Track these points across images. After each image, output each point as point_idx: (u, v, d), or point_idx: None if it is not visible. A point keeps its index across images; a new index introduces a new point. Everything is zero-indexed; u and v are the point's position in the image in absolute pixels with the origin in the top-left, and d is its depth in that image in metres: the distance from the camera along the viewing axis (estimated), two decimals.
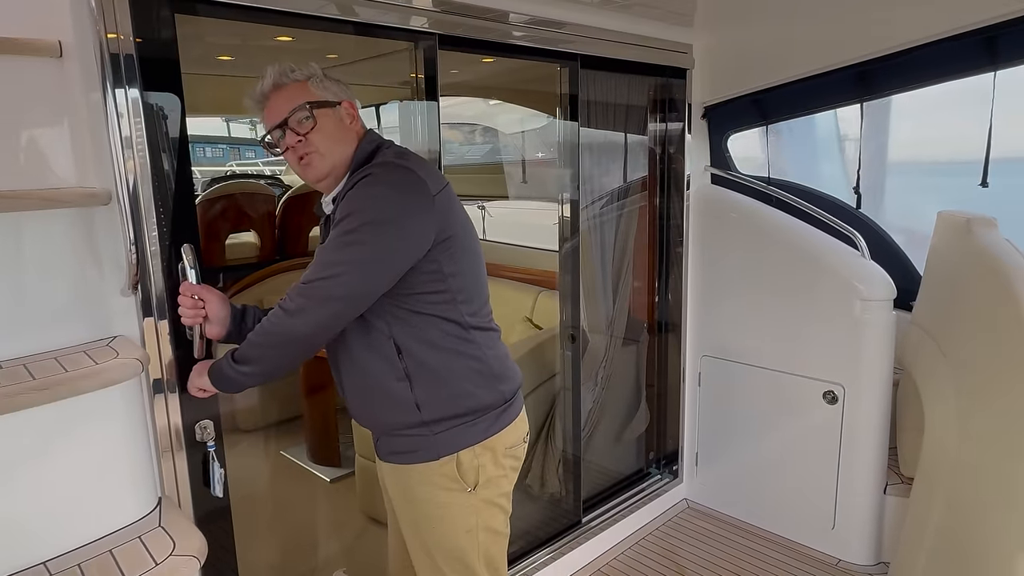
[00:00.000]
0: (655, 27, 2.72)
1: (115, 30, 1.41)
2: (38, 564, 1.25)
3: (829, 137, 3.59)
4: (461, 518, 1.56)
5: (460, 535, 1.57)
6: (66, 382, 1.23)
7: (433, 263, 1.45)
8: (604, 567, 2.81)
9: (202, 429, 1.63)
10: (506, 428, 1.60)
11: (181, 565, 1.25)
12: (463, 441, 1.53)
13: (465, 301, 1.52)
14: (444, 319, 1.50)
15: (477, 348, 1.55)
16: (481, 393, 1.55)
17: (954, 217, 2.48)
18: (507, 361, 1.65)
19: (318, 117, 1.48)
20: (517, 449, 1.66)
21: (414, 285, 1.45)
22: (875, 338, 2.61)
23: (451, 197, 1.50)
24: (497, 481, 1.59)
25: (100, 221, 1.44)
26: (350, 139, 1.53)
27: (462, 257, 1.50)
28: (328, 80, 1.54)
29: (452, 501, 1.55)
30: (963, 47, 2.32)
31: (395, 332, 1.47)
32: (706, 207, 3.08)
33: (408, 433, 1.53)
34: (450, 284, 1.48)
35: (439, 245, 1.44)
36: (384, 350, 1.48)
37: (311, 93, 1.50)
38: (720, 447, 3.17)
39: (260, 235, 4.59)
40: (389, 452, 1.59)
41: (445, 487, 1.54)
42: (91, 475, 1.33)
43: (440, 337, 1.50)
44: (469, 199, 4.70)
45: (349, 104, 1.55)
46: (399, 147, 1.58)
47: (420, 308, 1.47)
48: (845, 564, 2.76)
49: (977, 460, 2.21)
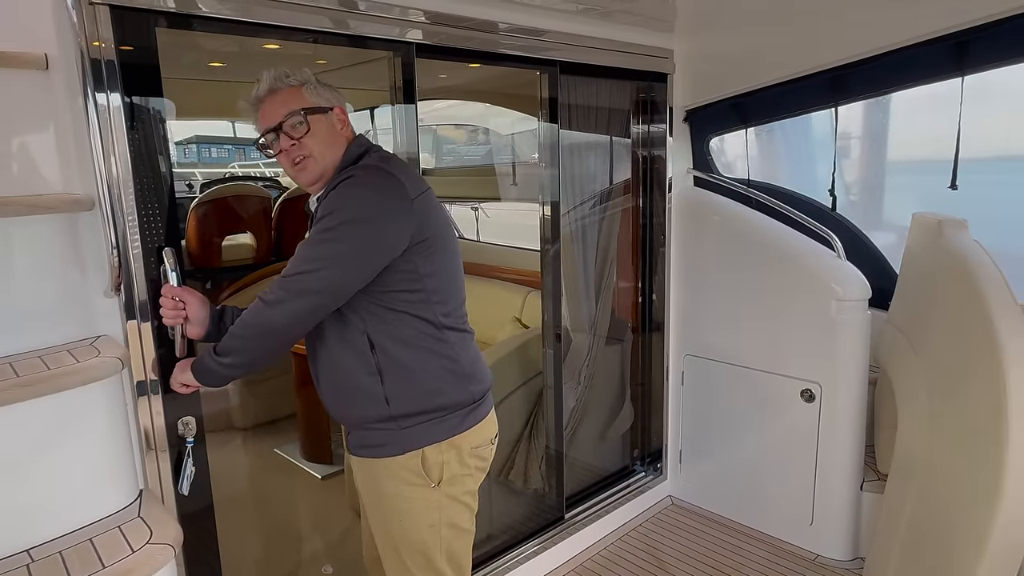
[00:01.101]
0: (636, 33, 2.78)
1: (97, 39, 1.48)
2: (21, 552, 1.32)
3: (824, 139, 3.64)
4: (424, 513, 1.61)
5: (423, 530, 1.62)
6: (48, 379, 1.30)
7: (409, 263, 1.51)
8: (587, 561, 2.87)
9: (184, 425, 1.69)
10: (473, 428, 1.65)
11: (157, 553, 1.32)
12: (429, 437, 1.58)
13: (440, 302, 1.58)
14: (418, 317, 1.55)
15: (450, 348, 1.60)
16: (451, 391, 1.60)
17: (927, 219, 2.53)
18: (478, 363, 1.70)
19: (311, 122, 1.55)
20: (483, 450, 1.70)
21: (390, 283, 1.51)
22: (850, 337, 2.67)
23: (430, 201, 1.57)
24: (461, 479, 1.64)
25: (84, 225, 1.51)
26: (340, 143, 1.60)
27: (439, 259, 1.56)
28: (321, 86, 1.61)
29: (416, 496, 1.60)
30: (933, 52, 2.37)
31: (369, 328, 1.54)
32: (688, 209, 3.13)
33: (377, 427, 1.58)
34: (425, 284, 1.54)
35: (416, 246, 1.51)
36: (357, 345, 1.54)
37: (305, 99, 1.56)
38: (703, 445, 3.22)
39: (256, 236, 4.66)
40: (358, 446, 1.64)
41: (410, 482, 1.59)
42: (73, 468, 1.39)
43: (413, 335, 1.56)
44: (464, 201, 4.77)
45: (340, 110, 1.61)
46: (385, 152, 1.66)
47: (394, 305, 1.53)
48: (823, 559, 2.81)
49: (945, 457, 2.26)
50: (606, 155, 3.10)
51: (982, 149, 2.70)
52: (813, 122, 3.53)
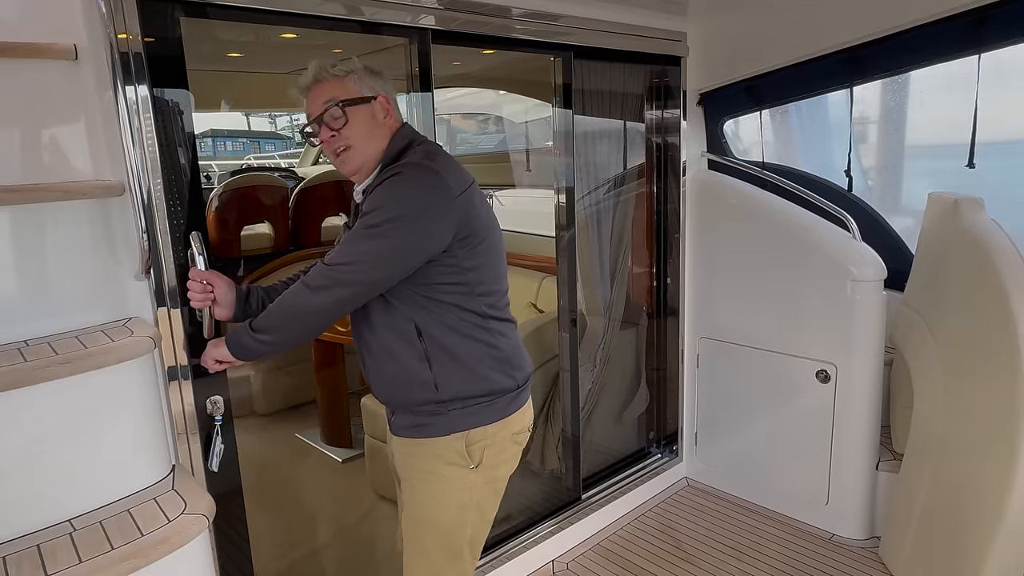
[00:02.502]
0: (649, 16, 2.79)
1: (124, 31, 1.52)
2: (64, 521, 1.38)
3: (840, 120, 3.61)
4: (457, 493, 1.66)
5: (452, 509, 1.66)
6: (85, 357, 1.36)
7: (452, 257, 1.55)
8: (604, 541, 2.91)
9: (212, 403, 1.75)
10: (515, 413, 1.70)
11: (192, 522, 1.38)
12: (475, 421, 1.63)
13: (483, 294, 1.61)
14: (462, 308, 1.59)
15: (493, 336, 1.64)
16: (496, 377, 1.65)
17: (943, 198, 2.53)
18: (521, 351, 1.74)
19: (350, 114, 1.57)
20: (521, 436, 1.75)
21: (433, 276, 1.55)
22: (866, 318, 2.67)
23: (474, 196, 1.59)
24: (499, 464, 1.69)
25: (115, 211, 1.56)
26: (383, 134, 1.61)
27: (482, 253, 1.60)
28: (369, 75, 1.62)
29: (453, 475, 1.64)
30: (951, 29, 2.36)
31: (416, 316, 1.58)
32: (703, 192, 3.14)
33: (424, 410, 1.63)
34: (468, 277, 1.58)
35: (459, 242, 1.54)
36: (406, 332, 1.59)
37: (347, 89, 1.58)
38: (719, 426, 3.25)
39: (274, 226, 4.73)
40: (403, 427, 1.69)
41: (450, 461, 1.63)
42: (111, 443, 1.45)
43: (459, 324, 1.60)
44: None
45: (384, 99, 1.62)
46: (431, 144, 1.67)
47: (439, 296, 1.57)
48: (838, 538, 2.83)
49: (961, 436, 2.27)
50: (620, 140, 3.11)
51: (1003, 132, 2.68)
52: (829, 104, 3.52)
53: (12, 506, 1.33)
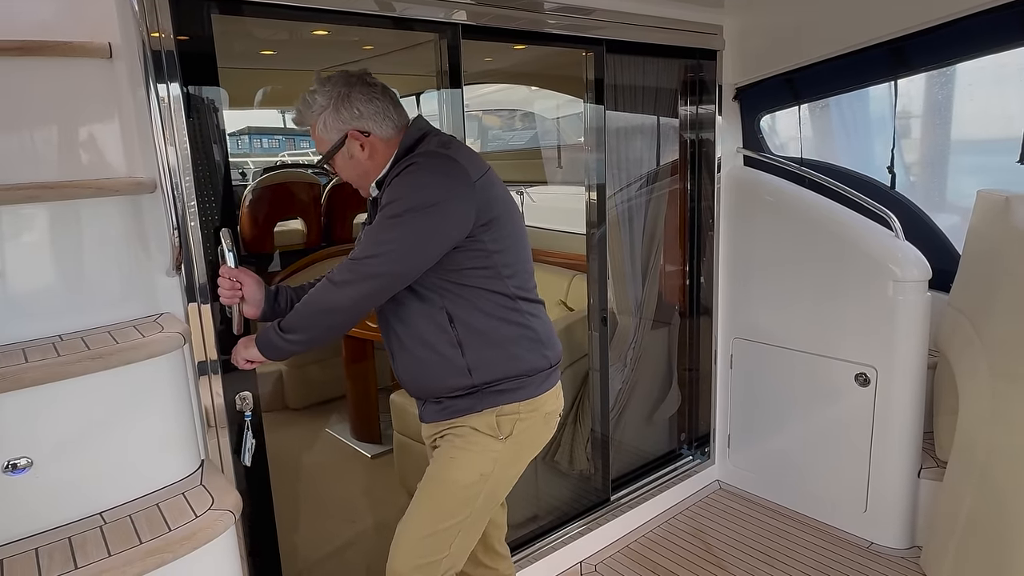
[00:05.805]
0: (684, 9, 2.72)
1: (157, 29, 1.53)
2: (95, 514, 1.40)
3: (882, 116, 3.50)
4: (480, 460, 1.65)
5: (473, 475, 1.64)
6: (117, 352, 1.38)
7: (477, 242, 1.55)
8: (633, 543, 2.87)
9: (241, 399, 1.76)
10: (548, 392, 1.70)
11: (218, 518, 1.38)
12: (509, 398, 1.64)
13: (510, 276, 1.62)
14: (491, 291, 1.60)
15: (523, 316, 1.65)
16: (529, 357, 1.65)
17: (993, 196, 2.42)
18: (551, 332, 1.75)
19: (333, 163, 1.65)
20: (552, 419, 1.75)
21: (460, 262, 1.56)
22: (908, 320, 2.58)
23: (492, 181, 1.61)
24: (526, 443, 1.70)
25: (147, 208, 1.57)
26: (376, 154, 1.62)
27: (505, 236, 1.60)
28: (334, 112, 1.58)
29: (481, 442, 1.64)
30: (1001, 19, 2.25)
31: (447, 303, 1.59)
32: (738, 189, 3.07)
33: (458, 395, 1.64)
34: (494, 260, 1.59)
35: (481, 227, 1.54)
36: (437, 319, 1.60)
37: (321, 139, 1.63)
38: (752, 429, 3.17)
39: (307, 222, 4.78)
40: (434, 411, 1.69)
41: (479, 429, 1.64)
42: (140, 437, 1.47)
43: (489, 307, 1.61)
44: (509, 185, 4.76)
45: (354, 133, 1.59)
46: (445, 135, 1.69)
47: (467, 281, 1.58)
48: (877, 547, 2.74)
49: (1008, 444, 2.18)
50: (653, 136, 3.05)
51: None
52: (870, 98, 3.41)
53: (44, 499, 1.35)
